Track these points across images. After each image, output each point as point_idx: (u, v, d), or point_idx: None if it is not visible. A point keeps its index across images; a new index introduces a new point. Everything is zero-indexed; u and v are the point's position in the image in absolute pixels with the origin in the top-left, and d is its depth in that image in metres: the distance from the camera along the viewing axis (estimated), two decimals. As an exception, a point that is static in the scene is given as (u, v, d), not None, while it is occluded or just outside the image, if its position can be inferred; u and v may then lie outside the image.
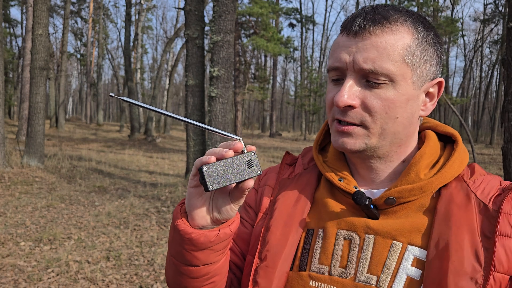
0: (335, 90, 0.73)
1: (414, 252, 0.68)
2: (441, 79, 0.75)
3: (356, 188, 0.75)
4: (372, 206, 0.72)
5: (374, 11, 0.70)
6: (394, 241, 0.70)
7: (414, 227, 0.70)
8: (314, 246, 0.75)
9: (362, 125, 0.71)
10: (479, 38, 32.41)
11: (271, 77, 29.79)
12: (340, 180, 0.77)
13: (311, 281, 0.72)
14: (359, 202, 0.71)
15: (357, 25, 0.69)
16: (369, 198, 0.73)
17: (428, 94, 0.75)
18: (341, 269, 0.71)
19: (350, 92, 0.69)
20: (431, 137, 0.78)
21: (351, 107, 0.70)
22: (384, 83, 0.69)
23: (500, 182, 0.72)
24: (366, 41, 0.68)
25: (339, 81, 0.73)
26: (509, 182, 0.71)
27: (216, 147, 0.68)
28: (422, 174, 0.73)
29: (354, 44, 0.69)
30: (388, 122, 0.70)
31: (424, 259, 0.67)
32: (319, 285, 0.72)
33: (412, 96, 0.71)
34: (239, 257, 0.85)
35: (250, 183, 0.66)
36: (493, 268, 0.63)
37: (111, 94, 0.65)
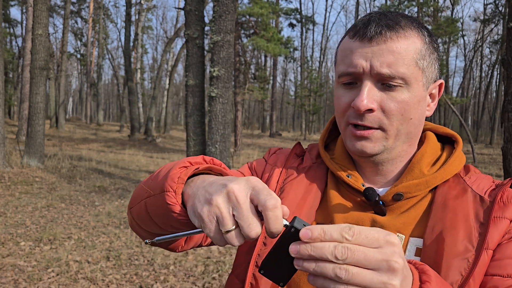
0: (348, 95, 0.74)
1: (416, 242, 0.71)
2: (442, 80, 0.79)
3: (363, 185, 0.78)
4: (381, 202, 0.74)
5: (386, 17, 0.73)
6: (398, 234, 0.72)
7: (416, 220, 0.73)
8: None
9: (380, 128, 0.73)
10: (479, 38, 32.42)
11: (271, 77, 29.78)
12: (348, 177, 0.79)
13: None
14: (370, 198, 0.73)
15: (372, 30, 0.71)
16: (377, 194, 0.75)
17: (431, 95, 0.79)
18: None
19: (369, 96, 0.71)
20: (431, 137, 0.82)
21: (370, 110, 0.72)
22: (399, 86, 0.71)
23: (493, 180, 0.76)
24: (381, 46, 0.70)
25: (351, 85, 0.74)
26: (499, 181, 0.76)
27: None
28: (426, 170, 0.76)
29: (369, 49, 0.71)
30: (403, 123, 0.73)
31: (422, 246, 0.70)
32: None
33: (423, 97, 0.75)
34: None
35: None
36: (485, 249, 0.66)
37: (146, 241, 0.69)
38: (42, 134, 9.62)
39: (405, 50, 0.70)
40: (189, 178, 0.66)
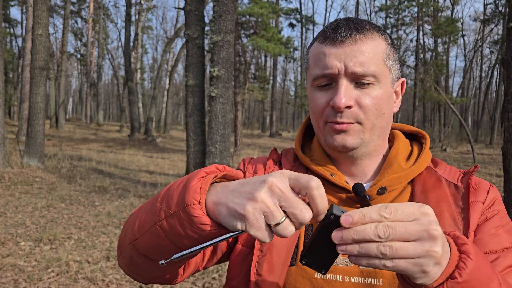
0: (325, 96, 0.79)
1: None
2: (404, 78, 0.87)
3: (347, 182, 0.82)
4: (367, 197, 0.79)
5: (352, 22, 0.79)
6: None
7: None
8: None
9: (358, 122, 0.78)
10: (479, 38, 32.40)
11: (271, 77, 29.77)
12: (332, 176, 0.83)
13: (316, 273, 0.75)
14: (359, 193, 0.78)
15: (343, 34, 0.77)
16: None
17: (395, 92, 0.86)
18: (344, 258, 0.75)
19: (346, 94, 0.76)
20: (400, 135, 0.89)
21: (348, 107, 0.77)
22: (371, 83, 0.77)
23: (459, 170, 0.85)
24: (353, 47, 0.76)
25: (326, 86, 0.79)
26: (464, 170, 0.84)
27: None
28: (403, 164, 0.83)
29: (342, 50, 0.76)
30: (378, 117, 0.79)
31: None
32: (325, 275, 0.75)
33: (391, 93, 0.82)
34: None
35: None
36: (471, 232, 0.73)
37: (161, 262, 0.60)
38: (42, 134, 9.62)
39: (374, 50, 0.77)
40: None
